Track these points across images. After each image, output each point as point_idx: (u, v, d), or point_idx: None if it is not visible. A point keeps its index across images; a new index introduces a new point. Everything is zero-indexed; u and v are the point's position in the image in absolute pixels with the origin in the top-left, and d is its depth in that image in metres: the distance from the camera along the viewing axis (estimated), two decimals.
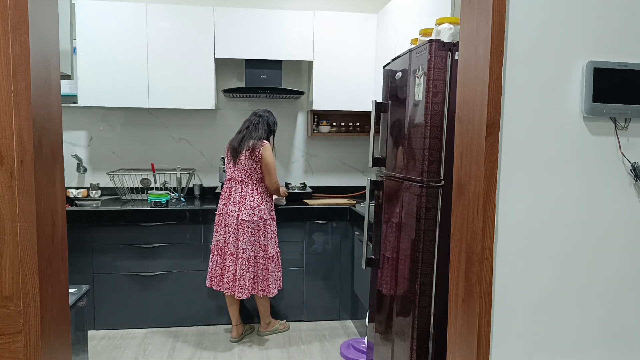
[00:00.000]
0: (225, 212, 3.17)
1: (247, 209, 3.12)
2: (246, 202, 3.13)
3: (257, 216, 3.13)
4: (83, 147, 3.90)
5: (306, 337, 3.42)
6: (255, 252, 3.15)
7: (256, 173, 3.15)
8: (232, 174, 3.20)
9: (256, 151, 3.12)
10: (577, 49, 1.32)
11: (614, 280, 1.40)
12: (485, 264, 1.33)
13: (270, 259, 3.21)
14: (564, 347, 1.40)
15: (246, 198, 3.14)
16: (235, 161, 3.17)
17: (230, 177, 3.21)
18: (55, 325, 1.31)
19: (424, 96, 1.94)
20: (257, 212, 3.13)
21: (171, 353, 3.15)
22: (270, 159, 3.15)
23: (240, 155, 3.14)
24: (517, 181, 1.33)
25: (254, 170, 3.14)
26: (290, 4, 3.96)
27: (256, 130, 3.18)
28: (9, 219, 1.17)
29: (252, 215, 3.12)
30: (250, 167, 3.13)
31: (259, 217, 3.14)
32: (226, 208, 3.18)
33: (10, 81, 1.15)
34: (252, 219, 3.12)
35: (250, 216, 3.12)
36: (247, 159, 3.13)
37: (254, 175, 3.15)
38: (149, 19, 3.52)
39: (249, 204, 3.13)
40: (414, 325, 2.02)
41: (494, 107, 1.29)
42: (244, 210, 3.11)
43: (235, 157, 3.17)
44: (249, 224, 3.11)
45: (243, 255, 3.12)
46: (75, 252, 3.27)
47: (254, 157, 3.12)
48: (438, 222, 1.97)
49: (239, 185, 3.16)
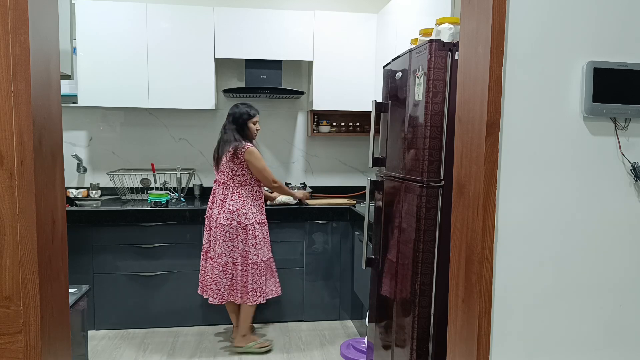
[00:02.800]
0: (209, 215, 3.11)
1: (226, 213, 3.02)
2: (226, 206, 3.04)
3: (235, 221, 3.01)
4: (83, 147, 3.90)
5: (306, 337, 3.42)
6: (234, 258, 3.04)
7: (238, 176, 3.05)
8: (217, 177, 3.15)
9: (238, 154, 3.01)
10: (577, 49, 1.32)
11: (614, 280, 1.40)
12: (485, 264, 1.33)
13: (252, 265, 3.05)
14: (564, 347, 1.40)
15: (226, 201, 3.05)
16: (217, 164, 3.13)
17: (215, 180, 3.17)
18: (55, 325, 1.31)
19: (424, 96, 1.94)
20: (236, 217, 3.01)
21: (171, 353, 3.15)
22: (259, 163, 3.05)
23: (221, 158, 3.08)
24: (517, 181, 1.33)
25: (236, 172, 3.04)
26: (290, 4, 3.96)
27: (231, 133, 3.08)
28: (9, 219, 1.17)
29: (229, 220, 3.01)
30: (232, 169, 3.04)
31: (237, 222, 3.01)
32: (210, 211, 3.12)
33: (10, 81, 1.15)
34: (230, 224, 3.01)
35: (228, 220, 3.01)
36: (228, 161, 3.04)
37: (235, 178, 3.05)
38: (149, 19, 3.52)
39: (228, 207, 3.03)
40: (414, 325, 2.02)
41: (494, 107, 1.29)
42: (223, 213, 3.03)
43: (218, 160, 3.12)
44: (226, 228, 3.01)
45: (218, 260, 3.04)
46: (75, 252, 3.27)
47: (236, 160, 3.02)
48: (438, 222, 1.97)
49: (221, 187, 3.09)
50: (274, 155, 4.13)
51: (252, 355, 3.14)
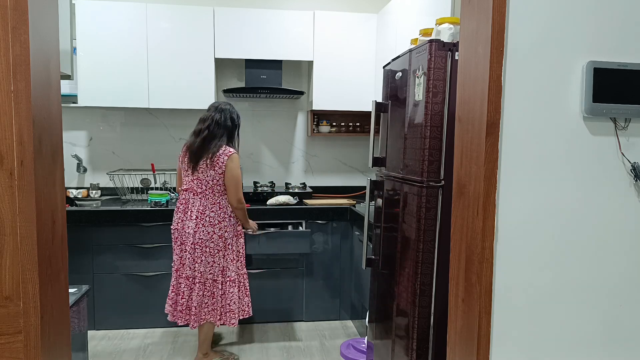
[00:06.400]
0: (181, 228, 2.78)
1: (206, 226, 2.73)
2: (205, 218, 2.74)
3: (217, 234, 2.75)
4: (83, 147, 3.90)
5: (306, 337, 3.42)
6: (215, 275, 2.78)
7: (218, 185, 2.75)
8: (191, 184, 2.79)
9: (219, 160, 2.72)
10: (577, 49, 1.32)
11: (614, 280, 1.40)
12: (485, 264, 1.33)
13: (229, 283, 2.82)
14: (563, 347, 1.40)
15: (205, 213, 2.74)
16: (194, 168, 2.76)
17: (188, 187, 2.80)
18: (55, 325, 1.31)
19: (424, 96, 1.94)
20: (217, 230, 2.75)
21: (171, 353, 3.15)
22: (237, 172, 2.76)
23: (199, 162, 2.74)
24: (517, 181, 1.33)
25: (216, 181, 2.74)
26: (290, 4, 3.96)
27: (218, 127, 2.76)
28: (9, 219, 1.17)
29: (211, 234, 2.74)
30: (213, 178, 2.73)
31: (219, 236, 2.75)
32: (182, 223, 2.78)
33: (10, 81, 1.15)
34: (212, 237, 2.74)
35: (210, 234, 2.74)
36: (207, 168, 2.72)
37: (215, 188, 2.75)
38: (149, 19, 3.52)
39: (209, 220, 2.74)
40: (414, 325, 2.02)
41: (494, 107, 1.29)
42: (202, 227, 2.73)
43: (195, 164, 2.75)
44: (207, 243, 2.74)
45: (200, 280, 2.77)
46: (75, 252, 3.27)
47: (216, 167, 2.72)
48: (438, 222, 1.97)
49: (198, 197, 2.76)
50: (274, 155, 4.13)
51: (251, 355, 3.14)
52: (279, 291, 3.58)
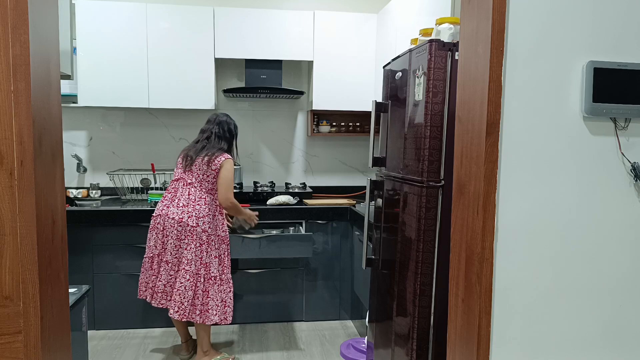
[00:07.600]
0: (165, 214, 2.80)
1: (192, 216, 2.77)
2: (191, 207, 2.79)
3: (200, 227, 2.78)
4: (83, 147, 3.90)
5: (306, 337, 3.42)
6: (197, 268, 2.79)
7: (207, 181, 2.85)
8: (182, 175, 2.89)
9: (216, 160, 2.84)
10: (577, 49, 1.32)
11: (614, 280, 1.41)
12: (485, 264, 1.33)
13: (212, 280, 2.83)
14: (564, 347, 1.40)
15: (193, 202, 2.81)
16: (189, 166, 2.88)
17: (179, 178, 2.90)
18: (55, 325, 1.31)
19: (424, 96, 1.94)
20: (201, 223, 2.78)
21: (171, 353, 3.15)
22: (229, 174, 2.84)
23: (195, 160, 2.86)
24: (517, 181, 1.33)
25: (207, 176, 2.84)
26: (290, 4, 3.96)
27: (219, 141, 2.93)
28: (9, 219, 1.17)
29: (196, 224, 2.78)
30: (205, 172, 2.83)
31: (202, 229, 2.78)
32: (167, 209, 2.81)
33: (10, 81, 1.15)
34: (195, 228, 2.77)
35: (194, 224, 2.77)
36: (202, 164, 2.84)
37: (204, 183, 2.84)
38: (148, 18, 3.52)
39: (194, 211, 2.79)
40: (414, 325, 2.02)
41: (494, 107, 1.29)
42: (187, 215, 2.77)
43: (191, 164, 2.87)
44: (194, 230, 2.77)
45: (187, 267, 2.76)
46: (75, 252, 3.27)
47: (211, 165, 2.83)
48: (438, 222, 1.97)
49: (187, 187, 2.84)
50: (274, 155, 4.13)
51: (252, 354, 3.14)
52: (279, 291, 3.58)
